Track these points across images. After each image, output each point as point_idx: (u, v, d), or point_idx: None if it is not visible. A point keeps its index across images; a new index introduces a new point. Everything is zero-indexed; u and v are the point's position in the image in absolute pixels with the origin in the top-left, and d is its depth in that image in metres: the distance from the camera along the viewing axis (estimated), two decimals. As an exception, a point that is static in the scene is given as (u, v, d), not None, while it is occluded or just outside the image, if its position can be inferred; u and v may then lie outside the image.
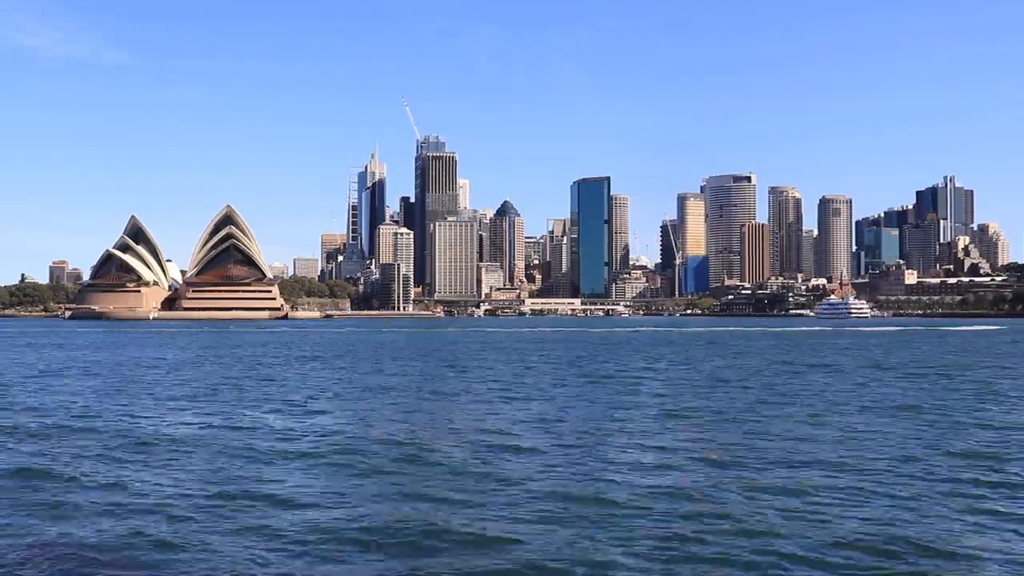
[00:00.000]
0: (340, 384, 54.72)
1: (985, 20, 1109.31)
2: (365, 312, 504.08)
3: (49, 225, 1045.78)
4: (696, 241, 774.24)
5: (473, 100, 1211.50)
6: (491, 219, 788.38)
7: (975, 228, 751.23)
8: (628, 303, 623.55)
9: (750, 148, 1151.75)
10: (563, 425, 34.33)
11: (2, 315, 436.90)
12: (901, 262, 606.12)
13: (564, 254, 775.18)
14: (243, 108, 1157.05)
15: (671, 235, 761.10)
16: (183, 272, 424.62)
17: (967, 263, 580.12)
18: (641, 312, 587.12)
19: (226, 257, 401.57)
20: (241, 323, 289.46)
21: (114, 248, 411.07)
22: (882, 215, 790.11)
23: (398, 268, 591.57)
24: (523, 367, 71.71)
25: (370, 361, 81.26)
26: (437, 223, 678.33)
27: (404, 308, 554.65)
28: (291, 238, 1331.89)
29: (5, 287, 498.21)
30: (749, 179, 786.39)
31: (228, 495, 21.54)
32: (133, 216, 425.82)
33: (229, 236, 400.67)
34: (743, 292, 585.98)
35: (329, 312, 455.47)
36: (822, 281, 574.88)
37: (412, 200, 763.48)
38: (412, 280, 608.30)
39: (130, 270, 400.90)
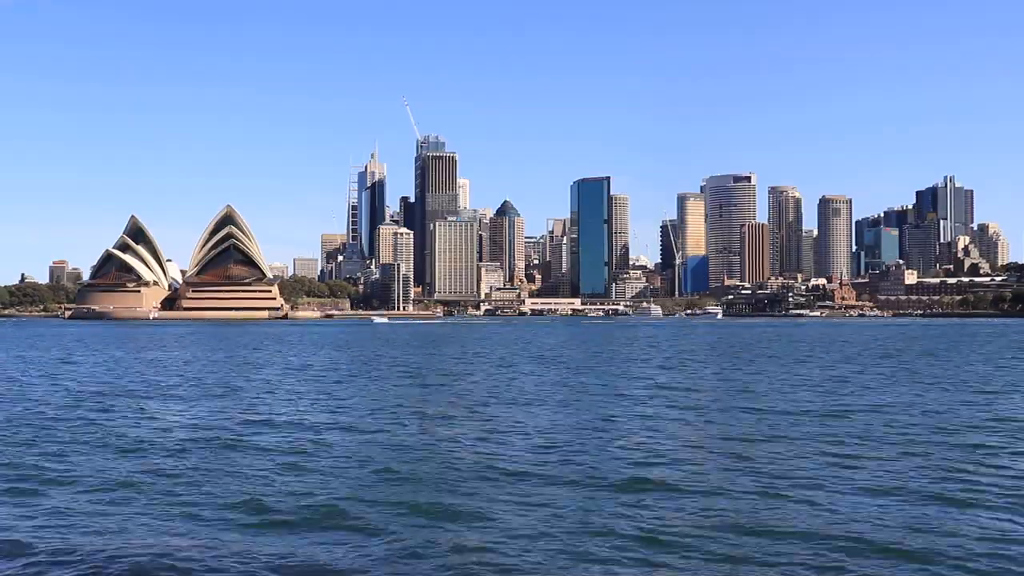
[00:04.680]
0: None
1: (986, 19, 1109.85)
2: (365, 312, 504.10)
3: (49, 225, 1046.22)
4: (696, 241, 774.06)
5: (473, 100, 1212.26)
6: (491, 219, 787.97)
7: (975, 228, 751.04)
8: (628, 303, 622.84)
9: (750, 148, 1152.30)
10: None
11: (2, 315, 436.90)
12: (901, 262, 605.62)
13: (564, 254, 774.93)
14: (243, 108, 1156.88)
15: (671, 235, 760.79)
16: (183, 272, 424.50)
17: (967, 263, 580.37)
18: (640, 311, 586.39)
19: (226, 257, 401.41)
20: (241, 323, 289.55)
21: (114, 248, 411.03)
22: (882, 215, 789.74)
23: (398, 268, 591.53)
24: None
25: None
26: (437, 223, 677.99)
27: (404, 308, 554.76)
28: (291, 238, 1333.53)
29: (5, 287, 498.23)
30: (749, 179, 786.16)
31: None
32: (133, 216, 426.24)
33: (229, 236, 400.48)
34: (743, 292, 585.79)
35: (329, 312, 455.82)
36: (822, 281, 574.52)
37: (412, 200, 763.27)
38: (412, 280, 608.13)
39: (130, 270, 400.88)
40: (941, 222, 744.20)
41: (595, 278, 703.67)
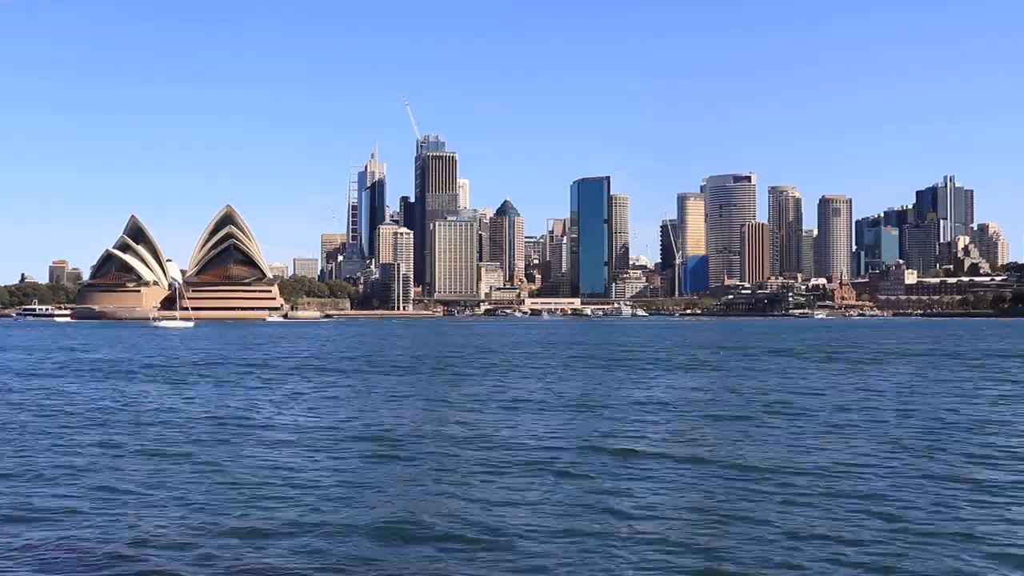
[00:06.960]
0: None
1: (986, 19, 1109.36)
2: (365, 312, 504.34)
3: (49, 225, 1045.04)
4: (696, 241, 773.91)
5: (473, 100, 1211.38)
6: (491, 219, 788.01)
7: (975, 228, 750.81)
8: (628, 302, 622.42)
9: (750, 148, 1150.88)
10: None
11: (1, 314, 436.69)
12: (901, 262, 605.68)
13: (564, 254, 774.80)
14: (243, 108, 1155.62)
15: (671, 235, 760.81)
16: (183, 272, 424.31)
17: (967, 263, 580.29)
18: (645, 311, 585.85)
19: (226, 257, 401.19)
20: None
21: (114, 248, 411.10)
22: (882, 215, 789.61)
23: (398, 268, 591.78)
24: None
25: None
26: (437, 223, 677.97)
27: (404, 308, 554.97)
28: (291, 238, 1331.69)
29: (5, 287, 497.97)
30: (749, 179, 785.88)
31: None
32: (133, 216, 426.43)
33: (229, 236, 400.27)
34: (743, 292, 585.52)
35: (329, 312, 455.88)
36: (822, 281, 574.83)
37: (412, 200, 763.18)
38: (412, 280, 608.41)
39: (130, 270, 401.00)
40: (941, 222, 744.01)
41: (595, 278, 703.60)
